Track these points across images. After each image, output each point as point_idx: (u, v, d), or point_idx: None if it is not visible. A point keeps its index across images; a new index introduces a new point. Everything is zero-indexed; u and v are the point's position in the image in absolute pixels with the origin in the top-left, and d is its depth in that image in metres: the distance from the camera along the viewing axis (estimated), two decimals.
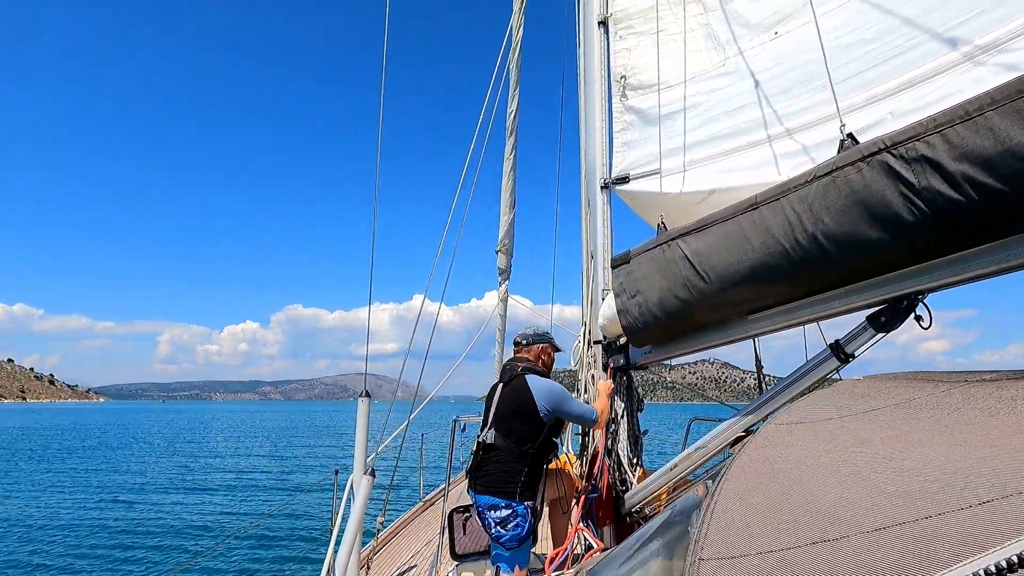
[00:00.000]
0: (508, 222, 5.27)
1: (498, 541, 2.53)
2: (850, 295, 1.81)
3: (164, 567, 7.63)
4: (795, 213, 1.76)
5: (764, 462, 0.86)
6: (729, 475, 0.86)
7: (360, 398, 2.99)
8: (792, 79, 2.75)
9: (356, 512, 2.48)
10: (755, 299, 2.02)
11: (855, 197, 1.60)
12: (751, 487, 0.80)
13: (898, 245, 1.56)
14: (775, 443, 0.93)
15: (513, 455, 2.57)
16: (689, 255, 2.17)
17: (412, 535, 4.29)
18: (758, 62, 2.90)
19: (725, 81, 3.03)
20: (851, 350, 1.91)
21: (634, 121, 3.45)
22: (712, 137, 3.04)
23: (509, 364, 2.85)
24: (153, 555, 8.30)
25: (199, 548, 8.49)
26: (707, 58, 3.11)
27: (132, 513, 11.35)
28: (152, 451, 25.00)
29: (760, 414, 2.26)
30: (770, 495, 0.75)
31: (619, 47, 3.57)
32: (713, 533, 0.70)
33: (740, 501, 0.76)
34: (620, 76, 3.53)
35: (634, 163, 3.39)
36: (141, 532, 9.73)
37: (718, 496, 0.78)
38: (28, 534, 9.62)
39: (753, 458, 0.89)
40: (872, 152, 1.56)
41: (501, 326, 5.43)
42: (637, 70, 3.46)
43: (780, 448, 0.90)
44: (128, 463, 20.17)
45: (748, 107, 2.92)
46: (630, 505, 2.91)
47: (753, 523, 0.69)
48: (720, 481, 0.86)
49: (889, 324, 1.76)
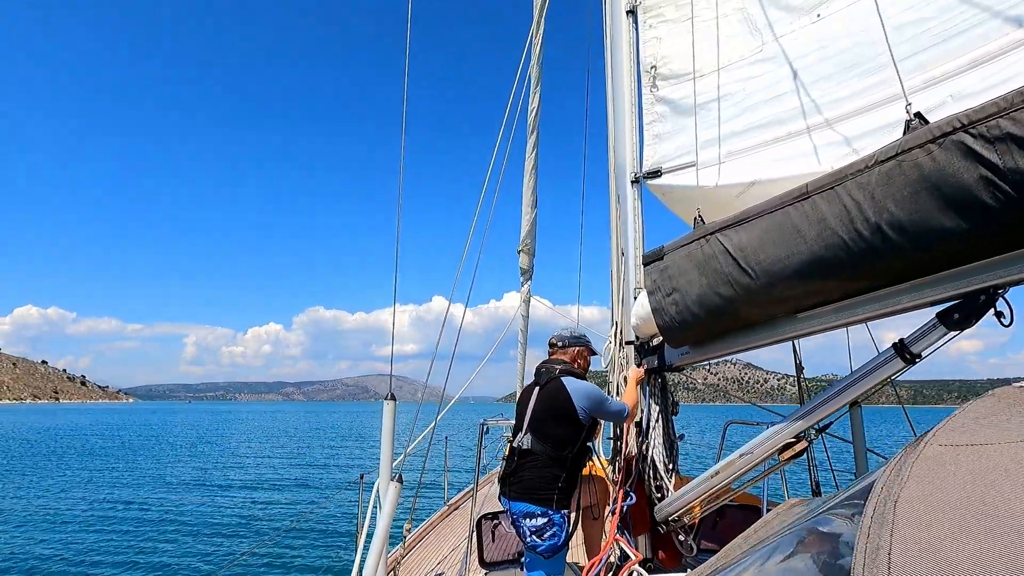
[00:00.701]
0: (530, 221, 5.18)
1: (534, 550, 2.43)
2: (918, 290, 1.66)
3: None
4: (854, 202, 1.61)
5: (959, 499, 0.66)
6: (904, 514, 0.69)
7: (385, 401, 2.92)
8: (836, 64, 2.59)
9: (384, 519, 2.40)
10: (807, 296, 1.87)
11: (926, 182, 1.45)
12: (951, 533, 0.62)
13: (977, 234, 1.41)
14: (960, 471, 0.73)
15: (550, 460, 2.47)
16: (731, 250, 2.03)
17: (439, 540, 4.22)
18: (798, 47, 2.75)
19: (763, 68, 2.89)
20: (917, 350, 1.75)
21: (666, 112, 3.32)
22: (750, 127, 2.90)
23: (544, 366, 2.76)
24: (171, 564, 8.33)
25: (224, 555, 8.54)
26: (743, 44, 2.96)
27: (151, 518, 11.48)
28: (174, 453, 25.41)
29: (811, 419, 2.11)
30: (992, 544, 0.60)
31: (648, 36, 3.44)
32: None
33: (936, 552, 0.62)
34: (650, 66, 3.40)
35: (667, 156, 3.26)
36: (163, 539, 9.81)
37: (893, 541, 0.64)
38: (49, 536, 9.78)
39: (935, 491, 0.71)
40: (946, 132, 1.42)
41: (523, 327, 5.34)
42: (668, 59, 3.33)
43: (973, 479, 0.70)
44: (150, 466, 20.52)
45: (788, 95, 2.77)
46: (666, 514, 2.77)
47: None
48: (885, 519, 0.68)
49: (963, 322, 1.60)
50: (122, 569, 8.21)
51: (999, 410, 0.87)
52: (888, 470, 0.80)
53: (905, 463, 0.78)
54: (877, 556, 0.60)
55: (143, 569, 8.18)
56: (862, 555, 0.62)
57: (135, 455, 24.45)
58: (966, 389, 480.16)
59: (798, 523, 0.90)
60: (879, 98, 2.33)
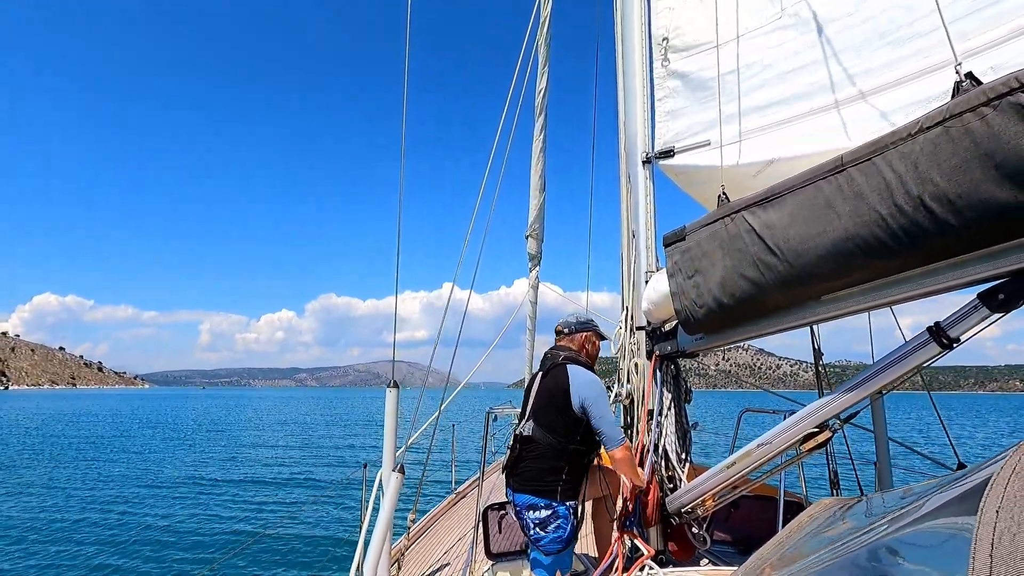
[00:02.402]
0: (538, 206, 5.06)
1: (537, 544, 2.34)
2: (958, 268, 1.52)
3: (185, 565, 7.69)
4: (895, 174, 1.48)
5: None
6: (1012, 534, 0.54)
7: (388, 388, 2.84)
8: (865, 33, 2.41)
9: (385, 510, 2.33)
10: (838, 277, 1.74)
11: (978, 150, 1.31)
12: None
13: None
14: None
15: (553, 450, 2.37)
16: (758, 228, 1.90)
17: (444, 531, 4.16)
18: (823, 12, 2.55)
19: (782, 37, 2.70)
20: (956, 334, 1.62)
21: (678, 87, 3.16)
22: (771, 102, 2.72)
23: (550, 352, 2.65)
24: (173, 553, 8.36)
25: (227, 544, 8.57)
26: (761, 10, 2.77)
27: (158, 505, 11.53)
28: (183, 438, 25.66)
29: (836, 408, 1.99)
30: None
31: (661, 6, 3.26)
32: None
33: None
34: (662, 38, 3.22)
35: (680, 134, 3.10)
36: (165, 528, 9.85)
37: None
38: (52, 526, 9.81)
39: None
40: (1002, 93, 1.27)
41: (532, 313, 5.24)
42: (681, 30, 3.14)
43: None
44: (159, 450, 20.76)
45: (811, 67, 2.59)
46: (679, 505, 2.67)
47: None
48: (995, 541, 0.53)
49: (1009, 302, 1.47)
50: (125, 548, 8.32)
51: None
52: (1001, 485, 0.60)
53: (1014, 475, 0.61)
54: None
55: (145, 550, 8.27)
56: None
57: (145, 439, 24.80)
58: (983, 375, 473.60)
59: (857, 542, 0.76)
60: (918, 68, 2.15)
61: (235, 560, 7.60)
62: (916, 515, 0.73)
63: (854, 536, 0.78)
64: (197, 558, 7.94)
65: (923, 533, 0.69)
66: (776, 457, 2.25)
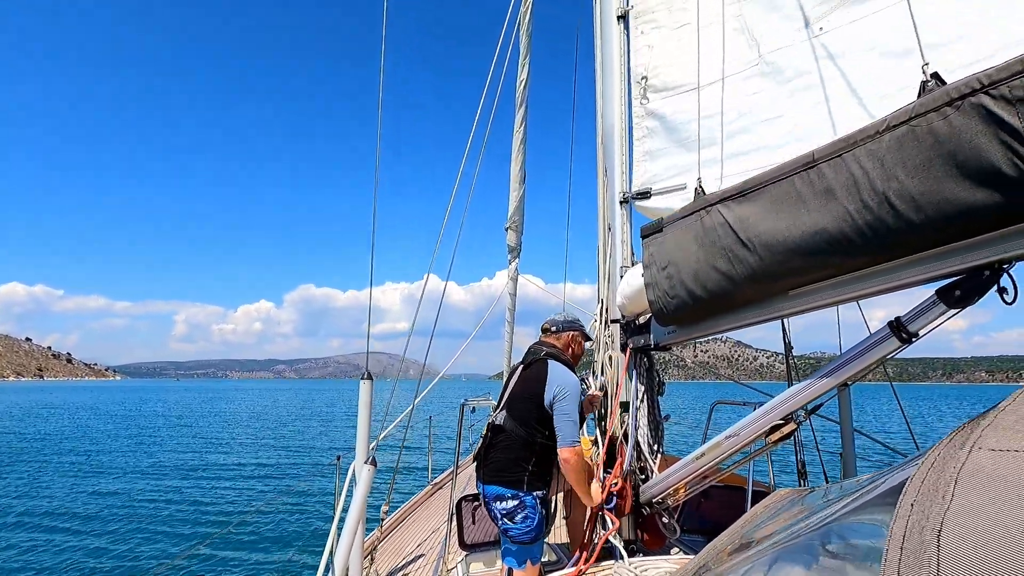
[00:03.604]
0: (518, 198, 5.04)
1: (507, 534, 2.36)
2: (919, 265, 1.56)
3: (159, 555, 7.56)
4: (862, 170, 1.50)
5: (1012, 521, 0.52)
6: (953, 550, 0.53)
7: (362, 380, 2.81)
8: (838, 88, 2.36)
9: (357, 503, 2.31)
10: (806, 271, 1.77)
11: (940, 149, 1.34)
12: None
13: (992, 205, 1.31)
14: (1018, 483, 0.57)
15: (522, 441, 2.38)
16: (731, 222, 1.92)
17: (419, 523, 4.16)
18: (803, 62, 2.50)
19: (760, 84, 2.66)
20: (915, 329, 1.66)
21: (656, 128, 3.11)
22: (746, 150, 2.68)
23: (534, 347, 2.67)
24: (147, 542, 8.25)
25: (198, 534, 8.44)
26: (741, 56, 2.73)
27: (124, 496, 11.34)
28: (151, 430, 25.11)
29: (801, 400, 2.03)
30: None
31: (640, 43, 3.20)
32: None
33: None
34: (641, 76, 3.17)
35: (658, 176, 3.06)
36: (139, 516, 9.71)
37: (941, 561, 0.50)
38: (23, 519, 9.59)
39: (994, 518, 0.52)
40: (964, 94, 1.30)
41: (511, 305, 5.25)
42: (660, 70, 3.10)
43: None
44: (127, 444, 20.28)
45: (788, 116, 2.54)
46: (650, 496, 2.72)
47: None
48: (924, 555, 0.53)
49: (965, 299, 1.51)
50: (97, 543, 8.12)
51: None
52: (919, 480, 0.65)
53: (943, 472, 0.63)
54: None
55: (115, 544, 8.09)
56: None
57: (113, 433, 24.22)
58: (951, 367, 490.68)
59: (802, 530, 0.79)
60: None
61: (202, 552, 7.49)
62: (854, 507, 0.75)
63: (799, 525, 0.81)
64: (162, 552, 7.79)
65: (855, 524, 0.71)
66: (744, 448, 2.30)
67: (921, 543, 0.53)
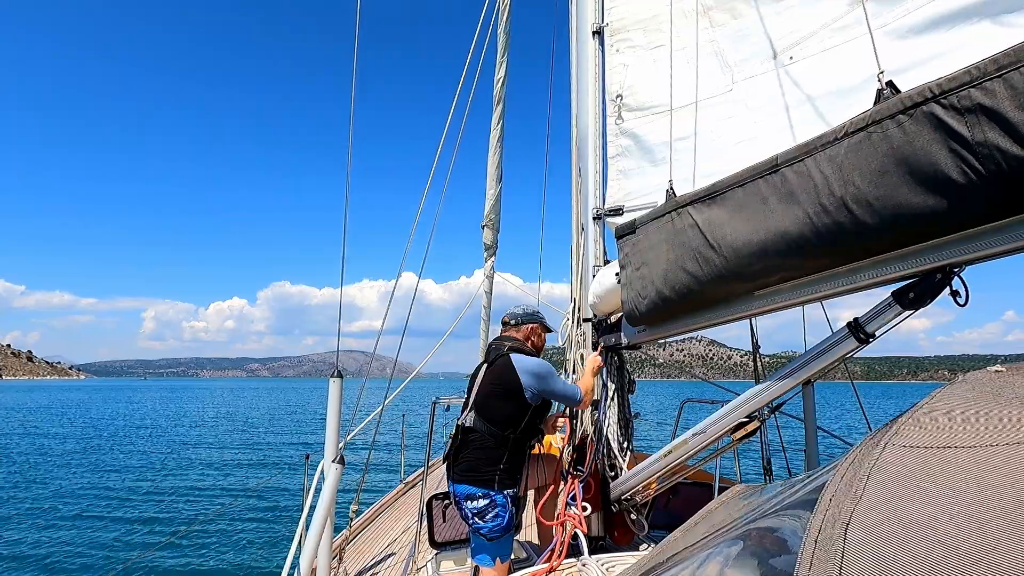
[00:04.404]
0: (494, 196, 5.04)
1: (477, 532, 2.36)
2: (876, 268, 1.61)
3: (115, 558, 7.36)
4: (822, 175, 1.54)
5: (928, 526, 0.53)
6: (857, 545, 0.55)
7: (332, 378, 2.78)
8: (804, 114, 2.37)
9: (324, 502, 2.29)
10: (768, 273, 1.81)
11: (894, 156, 1.39)
12: None
13: (942, 211, 1.35)
14: (928, 486, 0.60)
15: (494, 440, 2.38)
16: (700, 223, 1.95)
17: (390, 522, 4.13)
18: (773, 89, 2.52)
19: (733, 109, 2.66)
20: (872, 329, 1.72)
21: (630, 147, 3.12)
22: (723, 171, 2.65)
23: (495, 343, 2.66)
24: (113, 540, 8.05)
25: (158, 535, 8.22)
26: (714, 81, 2.72)
27: (93, 495, 11.04)
28: (113, 432, 24.31)
29: (765, 399, 2.08)
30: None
31: (615, 62, 3.19)
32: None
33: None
34: (616, 95, 3.16)
35: (631, 194, 3.08)
36: (102, 516, 9.45)
37: (846, 554, 0.52)
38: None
39: (896, 512, 0.57)
40: (917, 102, 1.35)
41: (487, 303, 5.24)
42: (635, 89, 3.09)
43: (944, 498, 0.57)
44: (88, 444, 19.65)
45: (761, 138, 2.54)
46: (620, 492, 2.75)
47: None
48: (832, 549, 0.55)
49: (918, 301, 1.57)
50: (59, 544, 7.86)
51: (975, 401, 0.75)
52: (839, 476, 0.68)
53: (860, 468, 0.66)
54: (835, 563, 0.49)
55: (79, 545, 7.85)
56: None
57: (66, 433, 23.44)
58: (915, 366, 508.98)
59: (742, 523, 0.81)
60: None
61: (165, 550, 7.29)
62: (789, 502, 0.78)
63: (741, 519, 0.83)
64: (119, 554, 7.56)
65: (787, 519, 0.74)
66: (711, 445, 2.34)
67: (831, 536, 0.56)
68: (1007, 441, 0.61)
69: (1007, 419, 0.67)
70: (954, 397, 0.78)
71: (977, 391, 0.78)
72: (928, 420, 0.74)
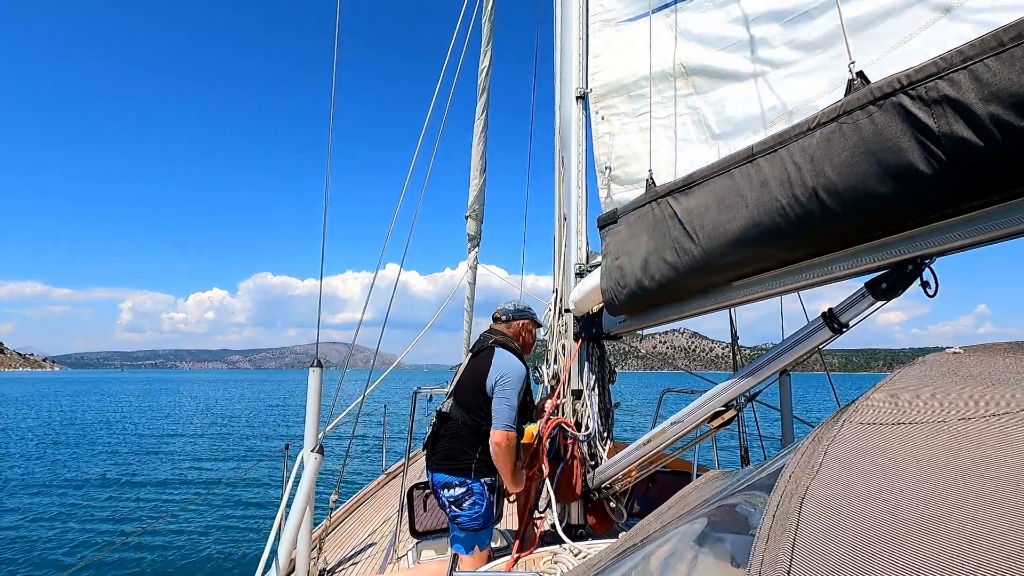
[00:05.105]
0: (478, 186, 5.02)
1: (455, 521, 2.37)
2: (850, 259, 1.64)
3: (89, 547, 7.26)
4: (795, 165, 1.56)
5: (878, 498, 0.55)
6: (811, 516, 0.56)
7: (311, 368, 2.76)
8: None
9: (303, 492, 2.28)
10: (745, 263, 1.83)
11: (864, 146, 1.40)
12: (862, 546, 0.50)
13: (909, 201, 1.38)
14: (882, 459, 0.61)
15: (468, 429, 2.39)
16: (679, 213, 1.96)
17: (370, 512, 4.12)
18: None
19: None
20: (845, 320, 1.75)
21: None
22: None
23: (484, 335, 2.67)
24: (85, 532, 7.95)
25: (136, 524, 8.13)
26: (699, 151, 2.53)
27: (71, 484, 10.92)
28: (84, 424, 23.84)
29: (741, 388, 2.11)
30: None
31: (601, 130, 3.10)
32: None
33: (838, 534, 0.52)
34: (604, 167, 3.07)
35: None
36: (79, 504, 9.34)
37: (795, 555, 0.53)
38: None
39: (850, 486, 0.58)
40: (886, 93, 1.36)
41: (470, 295, 5.23)
42: (624, 161, 2.99)
43: (896, 471, 0.58)
44: (60, 435, 19.31)
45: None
46: (599, 481, 2.78)
47: None
48: (787, 522, 0.56)
49: (890, 291, 1.60)
50: (36, 535, 7.75)
51: (932, 380, 0.77)
52: (800, 453, 0.69)
53: (819, 445, 0.68)
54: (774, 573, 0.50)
55: (56, 534, 7.75)
56: (757, 571, 0.52)
57: (39, 426, 22.97)
58: (891, 358, 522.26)
59: (709, 503, 0.83)
60: None
61: (143, 539, 7.20)
62: (752, 482, 0.80)
63: (710, 500, 0.85)
64: (93, 543, 7.46)
65: (751, 498, 0.75)
66: (689, 434, 2.38)
67: (788, 511, 0.57)
68: (958, 417, 0.63)
69: (960, 396, 0.69)
70: (912, 377, 0.81)
71: (935, 371, 0.80)
72: (886, 398, 0.76)
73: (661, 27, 2.75)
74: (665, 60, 2.69)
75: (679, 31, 2.67)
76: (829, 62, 2.04)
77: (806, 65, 2.12)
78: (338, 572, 3.05)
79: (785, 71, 2.19)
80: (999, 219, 1.33)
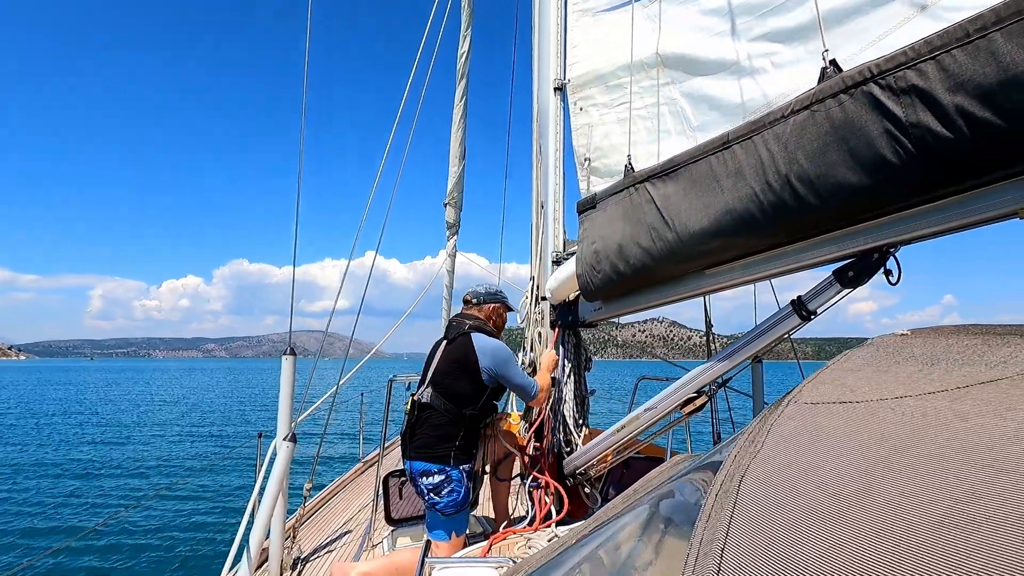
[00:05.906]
0: (457, 174, 4.97)
1: (434, 508, 2.37)
2: (818, 247, 1.67)
3: (63, 534, 7.10)
4: (768, 152, 1.57)
5: (817, 474, 0.56)
6: (749, 495, 0.57)
7: (284, 356, 2.72)
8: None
9: (275, 480, 2.25)
10: (719, 250, 1.85)
11: (835, 134, 1.42)
12: (797, 523, 0.51)
13: (877, 190, 1.40)
14: (823, 438, 0.62)
15: (449, 417, 2.38)
16: (656, 199, 1.97)
17: (346, 501, 4.10)
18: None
19: None
20: (813, 307, 1.79)
21: None
22: None
23: (455, 320, 2.64)
24: (54, 520, 7.79)
25: (103, 513, 7.96)
26: (678, 142, 2.50)
27: (34, 475, 10.64)
28: (49, 415, 23.23)
29: (713, 375, 2.14)
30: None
31: (580, 122, 3.07)
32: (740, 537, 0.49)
33: (774, 551, 0.52)
34: (584, 158, 3.05)
35: None
36: (43, 495, 9.11)
37: (731, 532, 0.54)
38: None
39: (789, 464, 0.60)
40: (857, 82, 1.38)
41: (449, 283, 5.20)
42: (603, 152, 2.97)
43: (837, 447, 0.59)
44: (27, 424, 18.78)
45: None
46: (574, 467, 2.80)
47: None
48: (726, 500, 0.58)
49: (857, 279, 1.63)
50: (9, 523, 7.56)
51: (878, 360, 0.80)
52: (747, 434, 0.71)
53: (764, 425, 0.70)
54: (709, 552, 0.51)
55: (21, 526, 7.53)
56: (696, 548, 0.52)
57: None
58: None
59: (665, 485, 0.85)
60: None
61: (107, 529, 7.04)
62: (704, 464, 0.81)
63: (667, 481, 0.86)
64: (61, 531, 7.29)
65: (703, 477, 0.77)
66: (661, 420, 2.41)
67: (728, 490, 0.59)
68: (896, 395, 0.65)
69: (901, 376, 0.72)
70: (859, 358, 0.83)
71: (881, 352, 0.83)
72: (832, 378, 0.78)
73: (640, 17, 2.74)
74: (644, 50, 2.69)
75: (658, 20, 2.66)
76: (806, 55, 2.07)
77: (784, 57, 2.14)
78: (312, 560, 3.03)
79: (763, 63, 2.20)
80: (963, 208, 1.37)
